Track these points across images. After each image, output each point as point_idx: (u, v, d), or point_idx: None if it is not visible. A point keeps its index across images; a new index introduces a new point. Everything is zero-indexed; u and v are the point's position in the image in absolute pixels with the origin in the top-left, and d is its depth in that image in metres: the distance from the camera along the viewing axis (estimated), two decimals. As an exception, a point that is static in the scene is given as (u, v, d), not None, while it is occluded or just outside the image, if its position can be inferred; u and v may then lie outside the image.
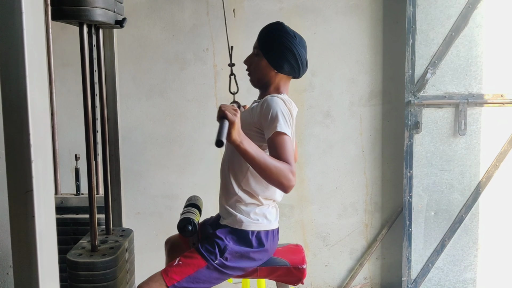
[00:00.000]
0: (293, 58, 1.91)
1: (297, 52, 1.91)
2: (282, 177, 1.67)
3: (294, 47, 1.90)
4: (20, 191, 1.02)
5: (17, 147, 1.01)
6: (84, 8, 1.73)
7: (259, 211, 1.93)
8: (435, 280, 3.08)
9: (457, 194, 3.03)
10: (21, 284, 1.04)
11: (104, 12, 1.81)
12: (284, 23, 1.99)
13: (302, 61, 1.94)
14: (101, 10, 1.79)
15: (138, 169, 3.14)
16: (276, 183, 1.69)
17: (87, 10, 1.73)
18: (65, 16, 1.73)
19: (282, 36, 1.91)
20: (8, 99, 0.99)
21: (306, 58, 1.97)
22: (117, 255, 2.08)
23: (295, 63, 1.92)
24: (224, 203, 1.99)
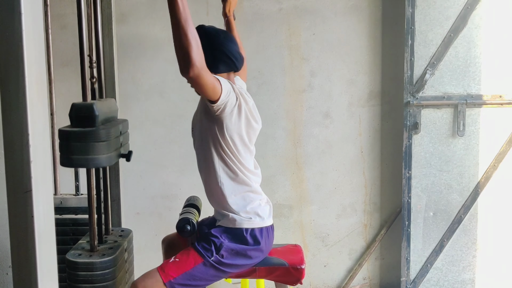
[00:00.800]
0: (225, 56, 1.91)
1: (226, 48, 1.91)
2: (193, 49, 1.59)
3: (220, 45, 1.90)
4: (19, 191, 1.02)
5: (16, 147, 1.01)
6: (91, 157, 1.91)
7: (250, 209, 1.94)
8: (434, 280, 3.09)
9: (456, 194, 3.04)
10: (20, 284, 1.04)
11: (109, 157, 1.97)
12: (204, 25, 1.96)
13: (234, 54, 1.93)
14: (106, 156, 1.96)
15: (137, 169, 3.14)
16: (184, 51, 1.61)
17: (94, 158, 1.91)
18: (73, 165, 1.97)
19: (207, 39, 1.87)
20: (7, 99, 1.00)
21: (237, 50, 1.95)
22: (116, 255, 2.08)
23: (228, 59, 1.92)
24: (215, 206, 2.02)
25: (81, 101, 2.01)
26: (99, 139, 1.88)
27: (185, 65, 1.62)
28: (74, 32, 2.87)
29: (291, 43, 3.10)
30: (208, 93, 1.73)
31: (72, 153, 1.87)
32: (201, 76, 1.65)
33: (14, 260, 1.04)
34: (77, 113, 1.92)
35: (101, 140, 1.89)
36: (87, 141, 1.87)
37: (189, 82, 1.72)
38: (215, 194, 1.96)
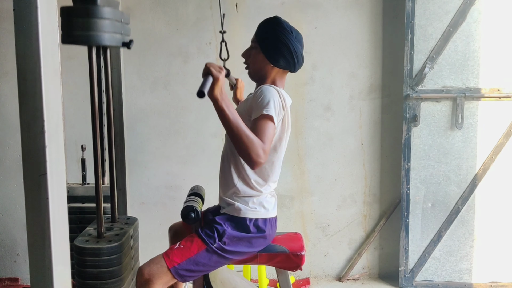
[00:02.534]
0: (289, 53, 1.96)
1: (293, 47, 1.96)
2: (251, 149, 1.71)
3: (290, 42, 1.96)
4: (35, 174, 1.08)
5: (32, 133, 1.08)
6: (92, 34, 1.83)
7: (257, 200, 2.00)
8: (432, 270, 3.16)
9: (454, 186, 3.10)
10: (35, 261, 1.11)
11: (111, 36, 1.90)
12: (281, 18, 2.04)
13: (298, 56, 1.99)
14: (108, 35, 1.88)
15: (142, 160, 3.21)
16: (244, 153, 1.72)
17: (95, 35, 1.83)
18: (74, 41, 1.83)
19: (279, 31, 1.96)
20: (24, 87, 1.06)
21: (302, 53, 2.02)
22: (122, 241, 2.15)
23: (291, 58, 1.97)
24: (223, 195, 2.06)
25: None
26: (101, 15, 1.84)
27: (251, 164, 1.75)
28: (81, 26, 2.95)
29: (293, 37, 3.15)
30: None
31: (74, 29, 1.82)
32: (267, 156, 1.77)
33: (30, 239, 1.11)
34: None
35: (103, 17, 1.85)
36: (90, 17, 1.82)
37: None
38: (230, 184, 2.01)
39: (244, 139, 1.71)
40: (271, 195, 2.08)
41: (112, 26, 1.90)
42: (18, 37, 1.06)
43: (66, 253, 1.20)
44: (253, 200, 1.99)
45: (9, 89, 3.15)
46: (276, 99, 1.86)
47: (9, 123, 3.16)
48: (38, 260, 1.11)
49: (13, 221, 3.24)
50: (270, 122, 1.81)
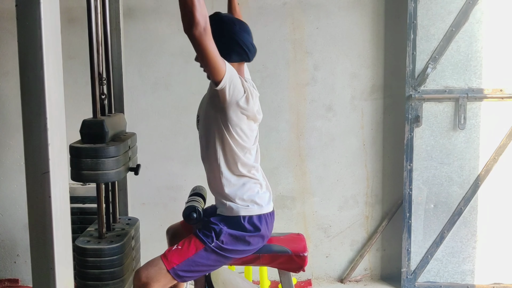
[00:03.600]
0: (238, 46, 1.93)
1: (240, 39, 1.93)
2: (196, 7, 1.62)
3: (235, 35, 1.92)
4: (37, 173, 1.07)
5: (34, 130, 1.06)
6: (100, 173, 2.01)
7: (247, 197, 1.96)
8: (434, 271, 3.14)
9: (456, 187, 3.08)
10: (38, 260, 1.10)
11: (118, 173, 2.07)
12: (221, 12, 1.98)
13: (248, 45, 1.95)
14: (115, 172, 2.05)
15: (143, 160, 3.18)
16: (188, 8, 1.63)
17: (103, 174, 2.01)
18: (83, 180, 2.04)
19: (222, 27, 1.91)
20: (27, 85, 1.05)
21: (251, 41, 1.97)
22: (124, 242, 2.14)
23: (241, 50, 1.94)
24: (214, 194, 2.05)
25: (92, 118, 2.09)
26: (108, 155, 1.97)
27: (188, 21, 1.65)
28: (81, 26, 2.94)
29: (294, 37, 3.15)
30: (211, 64, 1.74)
31: (83, 169, 1.96)
32: (204, 38, 1.67)
33: (32, 238, 1.09)
34: (87, 130, 2.01)
35: (110, 156, 1.98)
36: (97, 157, 1.95)
37: (192, 43, 1.71)
38: (215, 182, 1.99)
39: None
40: (263, 190, 2.04)
41: (119, 162, 2.04)
42: (21, 34, 1.04)
43: (69, 253, 1.18)
44: (243, 196, 1.95)
45: (9, 89, 3.13)
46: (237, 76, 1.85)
47: (9, 123, 3.15)
48: (40, 260, 1.09)
49: (13, 222, 3.22)
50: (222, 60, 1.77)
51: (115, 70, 2.44)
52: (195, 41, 1.68)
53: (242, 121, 1.91)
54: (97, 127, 2.01)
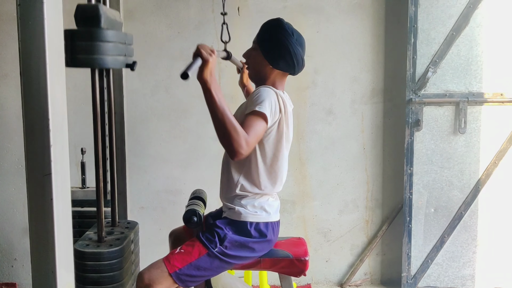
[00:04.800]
0: (289, 56, 1.94)
1: (293, 50, 1.94)
2: (234, 138, 1.67)
3: (290, 44, 1.94)
4: (39, 175, 1.05)
5: (37, 132, 1.05)
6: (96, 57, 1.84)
7: (258, 204, 1.97)
8: (435, 276, 3.13)
9: (457, 191, 3.07)
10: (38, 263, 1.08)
11: (114, 59, 1.91)
12: (283, 20, 2.02)
13: (298, 59, 1.97)
14: (112, 58, 1.89)
15: (142, 164, 3.18)
16: (226, 141, 1.69)
17: (99, 58, 1.84)
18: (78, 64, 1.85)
19: (280, 33, 1.94)
20: (29, 85, 1.03)
21: (302, 56, 2.00)
22: (123, 245, 2.11)
23: (291, 61, 1.95)
24: (224, 198, 2.04)
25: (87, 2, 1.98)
26: (104, 38, 1.84)
27: (232, 154, 1.71)
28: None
29: (295, 40, 3.14)
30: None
31: (77, 53, 1.82)
32: (250, 149, 1.74)
33: (33, 241, 1.08)
34: (82, 13, 1.86)
35: (106, 40, 1.85)
36: (93, 40, 1.82)
37: None
38: (231, 189, 1.98)
39: (228, 126, 1.68)
40: (274, 199, 2.05)
41: (115, 49, 1.91)
42: (23, 34, 1.03)
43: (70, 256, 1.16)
44: (254, 204, 1.96)
45: (8, 92, 3.11)
46: (273, 100, 1.84)
47: (8, 126, 3.13)
48: (41, 263, 1.07)
49: (10, 226, 3.20)
50: (261, 119, 1.78)
51: (115, 73, 2.42)
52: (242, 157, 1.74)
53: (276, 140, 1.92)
54: (92, 10, 1.86)
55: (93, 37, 1.81)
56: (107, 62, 1.86)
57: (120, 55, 1.96)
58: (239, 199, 1.96)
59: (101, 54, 1.83)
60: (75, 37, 1.81)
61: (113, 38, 1.88)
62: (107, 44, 1.84)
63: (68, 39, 1.81)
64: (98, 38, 1.82)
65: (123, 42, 2.00)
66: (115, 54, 1.90)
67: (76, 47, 1.81)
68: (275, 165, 1.95)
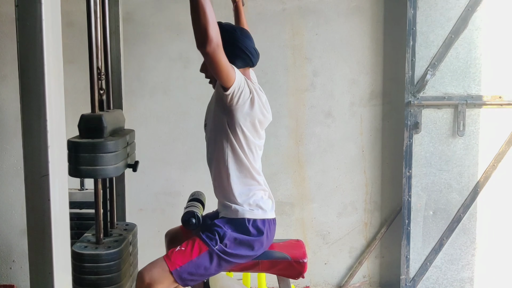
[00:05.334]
0: (241, 52, 1.97)
1: (242, 45, 1.97)
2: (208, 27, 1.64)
3: (237, 41, 1.96)
4: (36, 175, 1.05)
5: (34, 132, 1.05)
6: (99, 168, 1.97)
7: (253, 202, 1.98)
8: (433, 278, 3.12)
9: (456, 194, 3.07)
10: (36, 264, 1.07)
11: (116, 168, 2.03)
12: (221, 22, 1.99)
13: (250, 50, 1.99)
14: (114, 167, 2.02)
15: (140, 165, 3.14)
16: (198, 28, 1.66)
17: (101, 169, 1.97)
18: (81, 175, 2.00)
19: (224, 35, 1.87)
20: (27, 86, 1.03)
21: (253, 46, 2.01)
22: (121, 247, 2.12)
23: (245, 55, 1.98)
24: (219, 198, 2.06)
25: (90, 113, 2.06)
26: (107, 150, 1.94)
27: (202, 39, 1.67)
28: (80, 29, 2.93)
29: (294, 43, 3.14)
30: (222, 75, 1.78)
31: (81, 164, 1.92)
32: (217, 54, 1.71)
33: (31, 241, 1.07)
34: (86, 124, 1.98)
35: (109, 151, 1.94)
36: (96, 152, 1.92)
37: (205, 59, 1.75)
38: (222, 185, 2.00)
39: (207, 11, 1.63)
40: (267, 197, 2.05)
41: (117, 158, 2.01)
42: (21, 35, 1.03)
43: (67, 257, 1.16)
44: (249, 201, 1.98)
45: (6, 93, 3.11)
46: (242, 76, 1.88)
47: (6, 127, 3.12)
48: (39, 264, 1.07)
49: (9, 227, 3.19)
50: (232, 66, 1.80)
51: (114, 74, 2.42)
52: (209, 57, 1.71)
53: (248, 123, 1.94)
54: (95, 121, 1.97)
55: (97, 149, 1.93)
56: (109, 172, 1.97)
57: (123, 160, 2.08)
58: (233, 198, 1.98)
59: (104, 165, 1.94)
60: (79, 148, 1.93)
61: (116, 147, 1.99)
62: (110, 155, 1.95)
63: (72, 150, 1.92)
64: (101, 150, 1.93)
65: (125, 146, 2.10)
66: (117, 162, 2.01)
67: (80, 159, 1.92)
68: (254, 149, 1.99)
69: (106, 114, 2.03)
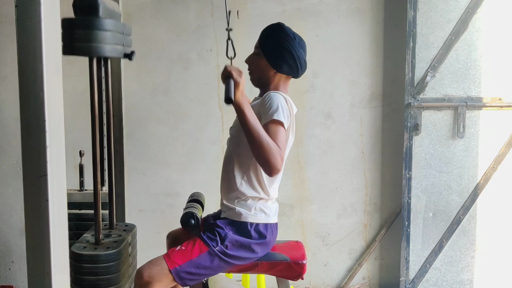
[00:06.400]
0: (292, 59, 1.96)
1: (296, 53, 1.97)
2: (271, 155, 1.73)
3: (293, 48, 1.96)
4: (35, 175, 1.05)
5: (33, 132, 1.05)
6: (94, 45, 1.82)
7: (257, 206, 1.99)
8: (433, 280, 3.12)
9: (455, 195, 3.07)
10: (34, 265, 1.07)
11: (112, 48, 1.90)
12: (284, 24, 2.04)
13: (301, 61, 2.00)
14: (110, 46, 1.88)
15: (140, 166, 3.17)
16: (263, 159, 1.74)
17: (97, 47, 1.83)
18: (75, 52, 1.83)
19: (282, 37, 1.96)
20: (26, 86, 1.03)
21: (304, 59, 2.02)
22: (120, 248, 2.11)
23: (294, 64, 1.98)
24: (225, 198, 2.05)
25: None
26: (103, 27, 1.83)
27: (270, 170, 1.76)
28: (81, 31, 2.92)
29: (294, 44, 3.14)
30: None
31: (75, 41, 1.81)
32: (284, 162, 1.82)
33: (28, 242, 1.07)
34: (81, 1, 1.86)
35: (105, 29, 1.84)
36: (91, 28, 1.81)
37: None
38: (232, 185, 1.99)
39: (264, 144, 1.73)
40: (272, 202, 2.06)
41: (113, 38, 1.90)
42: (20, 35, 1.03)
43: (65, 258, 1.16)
44: (255, 206, 1.97)
45: (6, 94, 3.12)
46: (284, 105, 1.87)
47: (7, 128, 3.13)
48: (36, 264, 1.07)
49: (8, 228, 3.19)
50: (281, 128, 1.82)
51: (114, 75, 2.42)
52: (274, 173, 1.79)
53: None
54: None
55: (91, 25, 1.80)
56: (105, 50, 1.84)
57: (118, 44, 1.95)
58: (239, 201, 1.98)
59: (99, 42, 1.81)
60: (73, 25, 1.80)
61: (111, 27, 1.86)
62: (105, 32, 1.83)
63: (67, 27, 1.79)
64: (96, 27, 1.80)
65: (121, 32, 1.99)
66: (113, 43, 1.89)
67: (74, 35, 1.79)
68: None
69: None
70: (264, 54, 1.99)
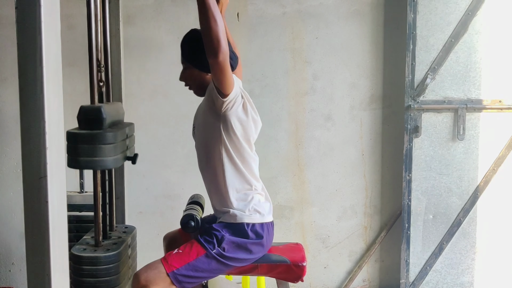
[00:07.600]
0: None
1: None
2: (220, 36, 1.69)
3: None
4: (34, 177, 1.05)
5: (33, 134, 1.05)
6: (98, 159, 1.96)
7: (251, 206, 1.98)
8: (433, 283, 3.12)
9: (455, 198, 3.07)
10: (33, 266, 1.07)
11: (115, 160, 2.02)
12: (197, 29, 1.99)
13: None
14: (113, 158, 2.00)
15: (140, 169, 3.17)
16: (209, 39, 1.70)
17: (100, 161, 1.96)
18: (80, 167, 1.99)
19: (200, 40, 1.88)
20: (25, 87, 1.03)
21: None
22: (120, 250, 2.11)
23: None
24: (216, 204, 2.04)
25: (89, 104, 2.05)
26: (106, 141, 1.92)
27: (214, 49, 1.71)
28: (81, 33, 2.93)
29: (294, 46, 3.15)
30: (227, 82, 1.79)
31: (80, 155, 1.91)
32: (226, 62, 1.74)
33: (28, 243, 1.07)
34: (85, 115, 1.97)
35: (108, 142, 1.93)
36: (95, 143, 1.91)
37: (214, 68, 1.76)
38: (218, 191, 1.99)
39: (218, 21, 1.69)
40: (264, 200, 2.04)
41: (116, 149, 2.00)
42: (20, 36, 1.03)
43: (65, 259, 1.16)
44: (248, 207, 1.97)
45: (7, 96, 3.12)
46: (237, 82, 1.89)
47: (7, 130, 3.13)
48: (36, 266, 1.07)
49: (8, 230, 3.19)
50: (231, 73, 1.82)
51: (114, 78, 2.42)
52: (219, 66, 1.74)
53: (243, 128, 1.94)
54: (94, 112, 1.96)
55: (96, 140, 1.91)
56: (108, 164, 1.96)
57: (122, 153, 2.07)
58: (230, 200, 1.97)
59: (103, 156, 1.92)
60: (78, 139, 1.91)
61: (115, 139, 1.97)
62: (109, 146, 1.94)
63: (71, 140, 1.91)
64: (100, 141, 1.92)
65: (124, 138, 2.08)
66: (116, 154, 2.00)
67: (79, 150, 1.91)
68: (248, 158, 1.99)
69: (105, 106, 2.01)
70: (192, 64, 1.99)
